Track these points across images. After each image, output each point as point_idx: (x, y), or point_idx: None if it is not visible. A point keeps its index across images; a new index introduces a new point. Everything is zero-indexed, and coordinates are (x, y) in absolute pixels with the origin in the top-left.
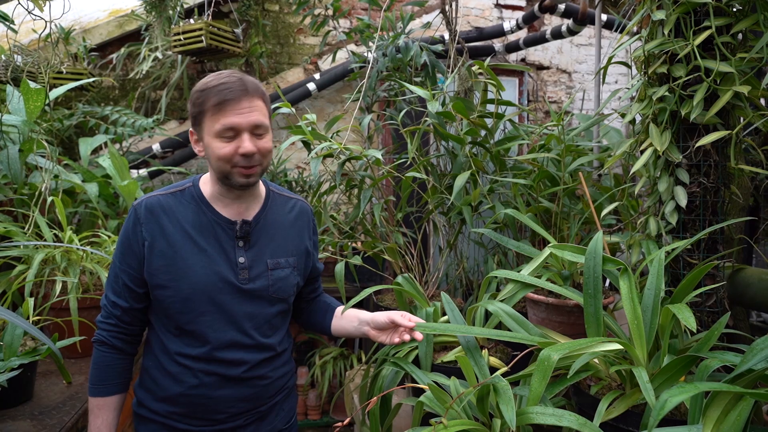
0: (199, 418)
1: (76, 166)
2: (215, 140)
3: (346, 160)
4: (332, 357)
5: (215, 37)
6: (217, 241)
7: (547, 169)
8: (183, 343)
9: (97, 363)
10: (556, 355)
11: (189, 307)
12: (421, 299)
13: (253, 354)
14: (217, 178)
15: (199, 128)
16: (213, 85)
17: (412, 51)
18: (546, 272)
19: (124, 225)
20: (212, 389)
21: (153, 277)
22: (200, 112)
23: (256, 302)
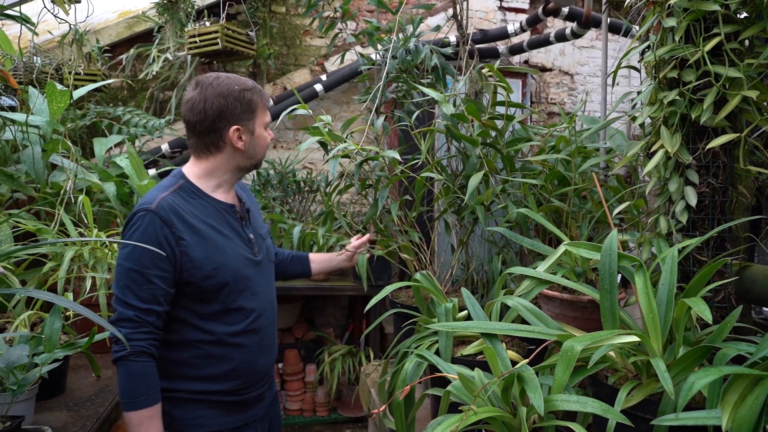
0: (243, 387)
1: (92, 166)
2: (264, 131)
3: (363, 160)
4: (341, 354)
5: (230, 39)
6: (229, 225)
7: (558, 170)
8: (227, 323)
9: (140, 375)
10: (579, 346)
11: (232, 288)
12: (440, 295)
13: (274, 316)
14: (248, 164)
15: (249, 123)
16: (251, 86)
17: (423, 53)
18: (560, 269)
19: (143, 230)
20: (256, 356)
21: (197, 270)
22: (255, 108)
23: (263, 270)
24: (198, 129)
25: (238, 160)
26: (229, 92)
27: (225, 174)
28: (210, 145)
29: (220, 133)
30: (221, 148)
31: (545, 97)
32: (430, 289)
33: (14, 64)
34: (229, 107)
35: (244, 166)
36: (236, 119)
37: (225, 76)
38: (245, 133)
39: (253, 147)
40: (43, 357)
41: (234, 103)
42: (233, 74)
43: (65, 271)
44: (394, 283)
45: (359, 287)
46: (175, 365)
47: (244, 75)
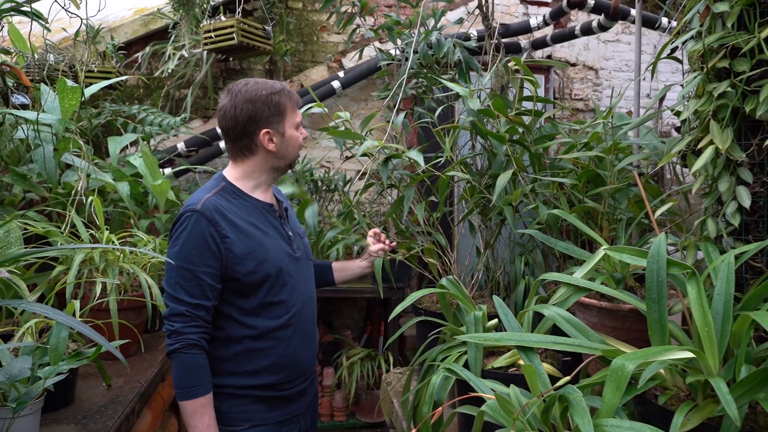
0: (286, 381)
1: (106, 165)
2: (295, 132)
3: (388, 158)
4: (359, 358)
5: (246, 34)
6: (270, 223)
7: (594, 168)
8: (269, 317)
9: (193, 366)
10: (630, 365)
11: (274, 281)
12: (467, 302)
13: (313, 311)
14: (282, 165)
15: (279, 125)
16: (279, 89)
17: (446, 47)
18: (597, 275)
19: (190, 230)
20: (298, 349)
21: (242, 266)
22: (284, 110)
23: (303, 267)
24: (231, 135)
25: (272, 161)
26: (257, 97)
27: (261, 175)
28: (244, 149)
29: (252, 137)
30: (254, 151)
31: (569, 93)
32: (457, 295)
33: (27, 61)
34: (257, 112)
35: (278, 166)
36: (266, 123)
37: (254, 81)
38: (276, 135)
39: (285, 148)
40: (46, 370)
41: (262, 107)
42: (262, 79)
43: (74, 276)
44: (416, 288)
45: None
46: (220, 361)
47: (261, 72)
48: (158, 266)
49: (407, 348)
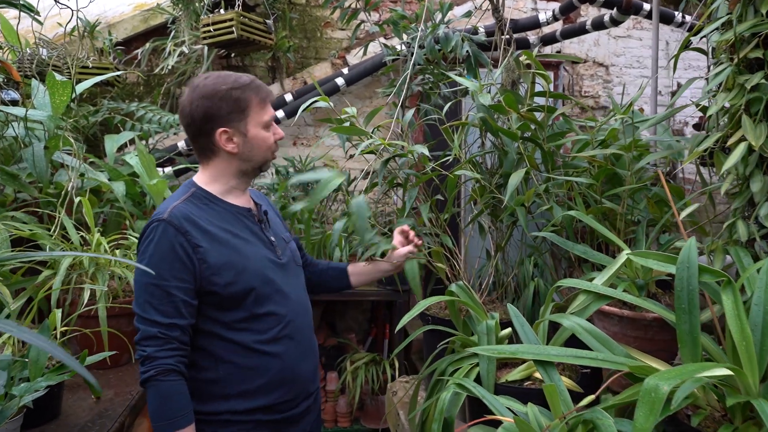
0: (287, 401)
1: (102, 164)
2: (263, 131)
3: (391, 157)
4: (364, 363)
5: (246, 27)
6: (248, 228)
7: (612, 167)
8: (257, 331)
9: (171, 394)
10: (665, 386)
11: (258, 292)
12: (479, 310)
13: (308, 319)
14: (250, 168)
15: (240, 123)
16: (246, 83)
17: (453, 41)
18: (619, 282)
19: (157, 242)
20: (295, 363)
21: (219, 277)
22: (246, 107)
23: (291, 273)
24: (189, 133)
25: (236, 164)
26: (215, 92)
27: (230, 179)
28: (206, 150)
29: (210, 136)
30: (216, 153)
31: (578, 90)
32: (468, 303)
33: (19, 56)
34: (214, 109)
35: (245, 169)
36: (223, 121)
37: (216, 74)
38: (236, 134)
39: (248, 149)
40: (21, 387)
41: (219, 104)
42: (227, 73)
43: (60, 282)
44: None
45: (383, 293)
46: (210, 385)
47: (263, 69)
48: None
49: (413, 352)
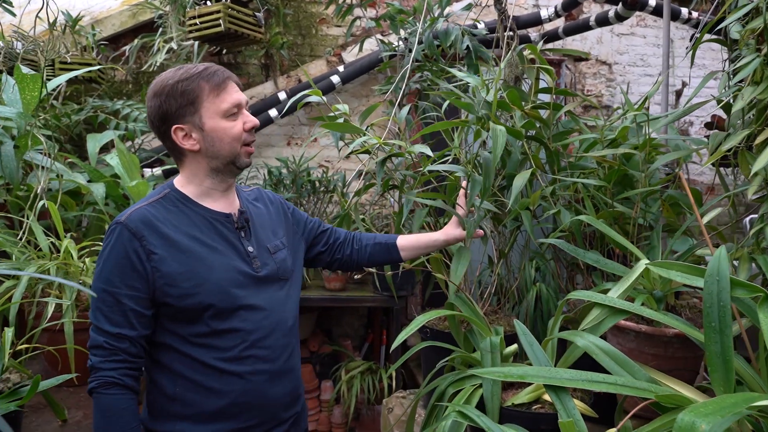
0: (251, 426)
1: (82, 165)
2: (223, 121)
3: (387, 157)
4: (360, 372)
5: (234, 20)
6: (221, 236)
7: (625, 168)
8: (218, 348)
9: (111, 409)
10: (704, 425)
11: (218, 308)
12: (482, 324)
13: (289, 338)
14: (220, 165)
15: (194, 117)
16: (197, 72)
17: (453, 35)
18: (635, 293)
19: (112, 246)
20: (264, 387)
21: (173, 288)
22: (195, 99)
23: (271, 288)
24: (157, 136)
25: (204, 162)
26: (162, 89)
27: (204, 179)
28: (173, 152)
29: (169, 137)
30: (183, 153)
31: (581, 89)
32: (471, 318)
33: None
34: (164, 107)
35: (215, 167)
36: (175, 118)
37: (169, 70)
38: (193, 130)
39: (210, 144)
40: None
41: (168, 100)
42: (182, 66)
43: (20, 295)
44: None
45: (379, 298)
46: (165, 403)
47: (256, 66)
48: None
49: (411, 359)
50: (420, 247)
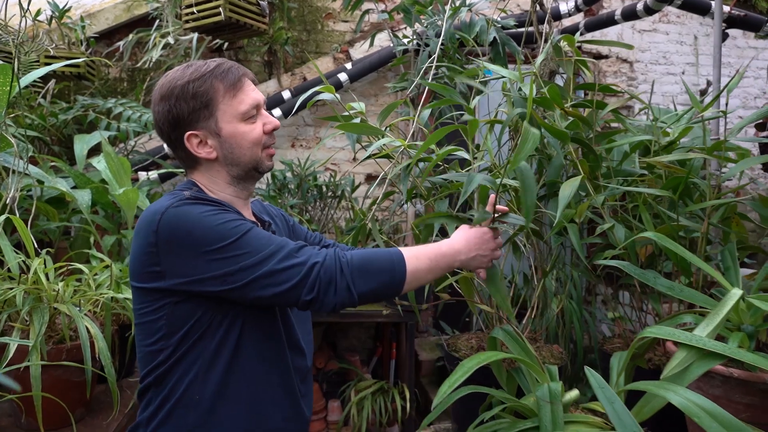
0: None
1: (67, 170)
2: (242, 124)
3: (413, 162)
4: (371, 392)
5: (236, 9)
6: None
7: (692, 175)
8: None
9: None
10: None
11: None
12: (536, 367)
13: (307, 361)
14: (241, 173)
15: (209, 122)
16: (209, 70)
17: (477, 27)
18: (724, 330)
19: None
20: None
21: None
22: (209, 101)
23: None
24: (166, 143)
25: (223, 170)
26: (171, 91)
27: (225, 188)
28: (185, 160)
29: (181, 145)
30: (197, 161)
31: None
32: (523, 361)
33: None
34: (174, 112)
35: (237, 175)
36: (188, 124)
37: (175, 69)
38: (209, 136)
39: (229, 150)
40: None
41: (178, 104)
42: (195, 62)
43: None
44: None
45: (394, 314)
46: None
47: (259, 64)
48: (112, 305)
49: (422, 374)
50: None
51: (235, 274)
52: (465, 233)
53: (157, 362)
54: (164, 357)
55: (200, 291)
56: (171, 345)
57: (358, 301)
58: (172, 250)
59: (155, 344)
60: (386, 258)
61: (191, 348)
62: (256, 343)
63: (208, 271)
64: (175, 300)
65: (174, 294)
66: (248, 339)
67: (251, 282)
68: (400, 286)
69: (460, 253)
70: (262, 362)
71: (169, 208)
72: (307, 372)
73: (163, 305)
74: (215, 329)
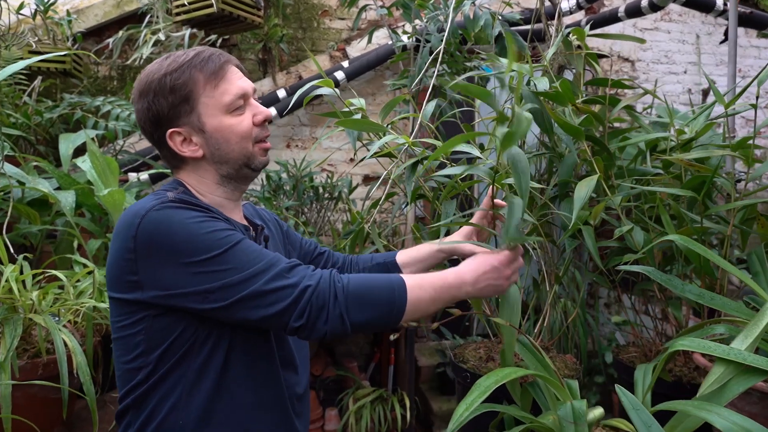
0: None
1: (50, 170)
2: (228, 117)
3: (418, 160)
4: (369, 401)
5: (228, 0)
6: None
7: (718, 174)
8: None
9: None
10: None
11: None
12: (557, 384)
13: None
14: (232, 171)
15: (191, 117)
16: (187, 60)
17: (482, 21)
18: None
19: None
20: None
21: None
22: (189, 94)
23: None
24: (151, 143)
25: (211, 170)
26: (149, 86)
27: (215, 190)
28: (170, 159)
29: (164, 143)
30: (183, 160)
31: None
32: (544, 377)
33: None
34: (153, 108)
35: (227, 173)
36: (169, 121)
37: (155, 62)
38: (192, 133)
39: (215, 147)
40: None
41: (157, 100)
42: (169, 54)
43: None
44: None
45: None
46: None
47: (253, 62)
48: (94, 315)
49: (422, 380)
50: (422, 260)
51: (217, 291)
52: (476, 262)
53: (136, 382)
54: (143, 376)
55: (181, 306)
56: (150, 363)
57: (351, 331)
58: (151, 258)
59: (134, 361)
60: (386, 286)
61: (173, 367)
62: (245, 363)
63: (189, 285)
64: (154, 313)
65: (153, 306)
66: (237, 358)
67: (236, 302)
68: (398, 317)
69: (467, 284)
70: (252, 384)
71: (150, 211)
72: (303, 391)
73: (141, 318)
74: (199, 347)
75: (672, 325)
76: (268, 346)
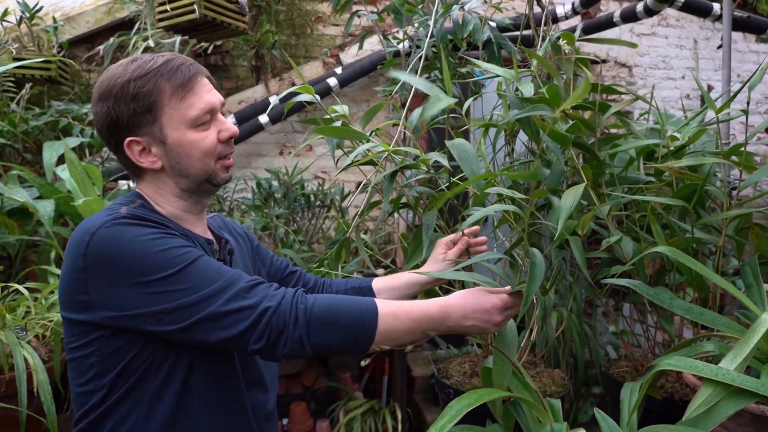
0: None
1: (31, 179)
2: (192, 132)
3: (398, 169)
4: (360, 413)
5: (212, 6)
6: None
7: (710, 182)
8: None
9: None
10: None
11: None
12: (538, 407)
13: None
14: (192, 185)
15: (153, 128)
16: (155, 67)
17: (471, 25)
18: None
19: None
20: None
21: None
22: (153, 105)
23: None
24: (108, 148)
25: (170, 182)
26: (110, 90)
27: (174, 202)
28: (128, 168)
29: (121, 151)
30: (141, 170)
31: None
32: (524, 400)
33: None
34: (111, 114)
35: (187, 187)
36: (128, 129)
37: (119, 63)
38: (152, 144)
39: (176, 160)
40: None
41: (117, 106)
42: (142, 56)
43: None
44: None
45: None
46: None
47: (246, 69)
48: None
49: (416, 391)
50: (399, 287)
51: (173, 312)
52: (468, 300)
53: (90, 405)
54: (98, 399)
55: (136, 328)
56: (104, 386)
57: (312, 354)
58: (101, 277)
59: (87, 384)
60: (356, 311)
61: (129, 390)
62: (206, 385)
63: (143, 306)
64: (107, 334)
65: (105, 327)
66: (197, 381)
67: (193, 324)
68: (365, 344)
69: (451, 320)
70: (214, 407)
71: (100, 228)
72: (271, 411)
73: (94, 339)
74: (156, 369)
75: (664, 337)
76: (231, 366)
